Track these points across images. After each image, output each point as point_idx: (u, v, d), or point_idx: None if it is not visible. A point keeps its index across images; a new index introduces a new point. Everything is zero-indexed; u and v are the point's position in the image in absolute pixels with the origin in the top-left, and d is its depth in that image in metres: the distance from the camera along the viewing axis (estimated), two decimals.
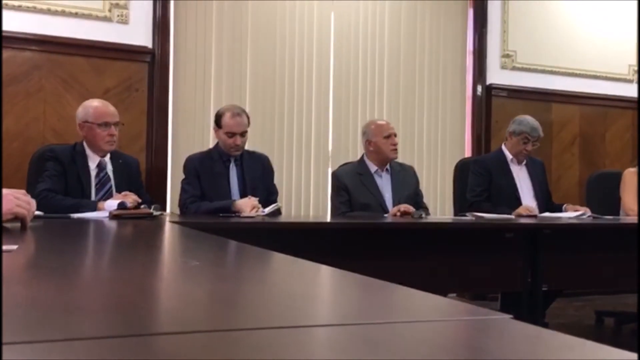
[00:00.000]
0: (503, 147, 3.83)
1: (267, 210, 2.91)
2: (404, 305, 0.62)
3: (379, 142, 3.48)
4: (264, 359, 0.39)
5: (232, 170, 3.26)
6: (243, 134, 3.22)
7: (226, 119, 3.21)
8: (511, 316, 0.51)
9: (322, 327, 0.51)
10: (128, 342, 0.42)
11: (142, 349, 0.42)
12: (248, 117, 3.29)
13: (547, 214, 3.52)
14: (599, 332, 3.93)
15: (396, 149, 3.51)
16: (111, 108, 3.08)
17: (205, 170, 3.21)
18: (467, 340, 0.48)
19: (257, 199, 2.96)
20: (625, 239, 2.93)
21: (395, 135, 3.52)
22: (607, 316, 4.08)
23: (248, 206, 2.86)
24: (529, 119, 3.77)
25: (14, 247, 1.01)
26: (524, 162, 3.80)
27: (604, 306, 4.36)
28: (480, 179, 3.70)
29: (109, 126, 2.98)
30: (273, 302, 0.64)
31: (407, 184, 3.57)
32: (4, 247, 0.96)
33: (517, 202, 3.62)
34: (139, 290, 0.68)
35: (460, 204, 3.82)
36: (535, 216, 3.41)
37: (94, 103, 3.08)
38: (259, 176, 3.32)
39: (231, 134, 3.19)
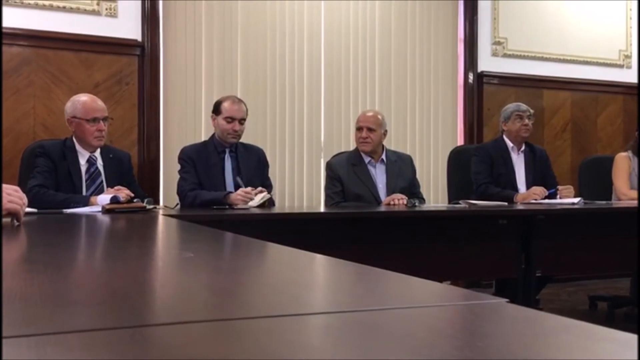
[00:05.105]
0: (504, 136, 3.83)
1: (256, 201, 2.90)
2: (400, 292, 0.62)
3: (355, 134, 3.52)
4: (261, 348, 0.38)
5: (227, 161, 3.27)
6: (241, 121, 3.25)
7: (226, 105, 3.25)
8: (507, 300, 0.51)
9: (319, 314, 0.50)
10: (123, 334, 0.42)
11: (138, 339, 0.41)
12: (247, 108, 3.32)
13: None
14: (592, 317, 3.96)
15: (365, 142, 3.43)
16: (100, 103, 3.04)
17: (200, 161, 3.22)
18: (465, 323, 0.48)
19: (251, 188, 2.97)
20: (618, 224, 2.95)
21: (369, 129, 3.42)
22: (600, 301, 4.10)
23: (239, 200, 2.88)
24: (511, 103, 3.96)
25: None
26: (522, 150, 3.81)
27: (597, 291, 4.39)
28: (483, 165, 3.75)
29: (97, 121, 2.95)
30: (269, 291, 0.63)
31: (403, 174, 3.54)
32: None
33: (514, 190, 3.67)
34: (134, 283, 0.68)
35: (455, 192, 3.83)
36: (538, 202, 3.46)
37: (82, 98, 3.04)
38: (254, 168, 3.32)
39: (230, 119, 3.22)
